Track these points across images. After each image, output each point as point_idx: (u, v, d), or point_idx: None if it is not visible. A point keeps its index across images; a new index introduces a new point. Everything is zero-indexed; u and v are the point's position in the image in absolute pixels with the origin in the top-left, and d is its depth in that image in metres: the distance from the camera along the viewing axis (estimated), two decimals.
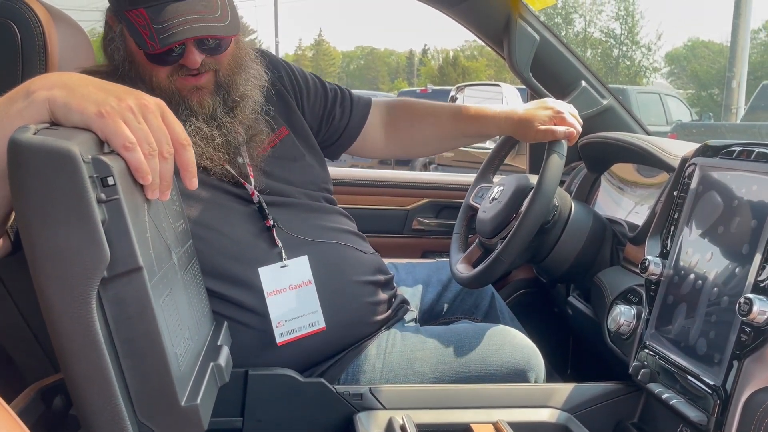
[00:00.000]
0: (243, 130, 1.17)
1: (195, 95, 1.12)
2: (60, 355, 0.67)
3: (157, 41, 1.03)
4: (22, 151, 0.63)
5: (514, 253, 1.26)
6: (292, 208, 1.22)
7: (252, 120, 1.19)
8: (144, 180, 0.73)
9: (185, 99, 1.12)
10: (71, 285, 0.65)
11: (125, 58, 1.12)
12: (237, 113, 1.16)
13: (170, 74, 1.10)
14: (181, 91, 1.12)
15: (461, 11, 1.65)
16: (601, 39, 37.56)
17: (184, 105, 1.11)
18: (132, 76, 1.12)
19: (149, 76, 1.11)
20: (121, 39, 1.12)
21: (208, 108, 1.13)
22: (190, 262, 0.94)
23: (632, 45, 36.75)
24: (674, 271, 1.06)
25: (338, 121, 1.43)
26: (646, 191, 1.42)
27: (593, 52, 37.31)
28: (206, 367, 0.86)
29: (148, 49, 1.04)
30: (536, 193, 1.24)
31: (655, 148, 1.32)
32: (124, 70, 1.12)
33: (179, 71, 1.10)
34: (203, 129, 1.11)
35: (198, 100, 1.12)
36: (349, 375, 1.19)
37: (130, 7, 1.05)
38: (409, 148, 1.55)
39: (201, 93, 1.12)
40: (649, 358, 1.06)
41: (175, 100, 1.11)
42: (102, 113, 0.70)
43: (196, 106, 1.12)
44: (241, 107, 1.17)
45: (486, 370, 1.21)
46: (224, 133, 1.14)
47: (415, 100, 1.54)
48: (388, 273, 1.32)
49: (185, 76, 1.11)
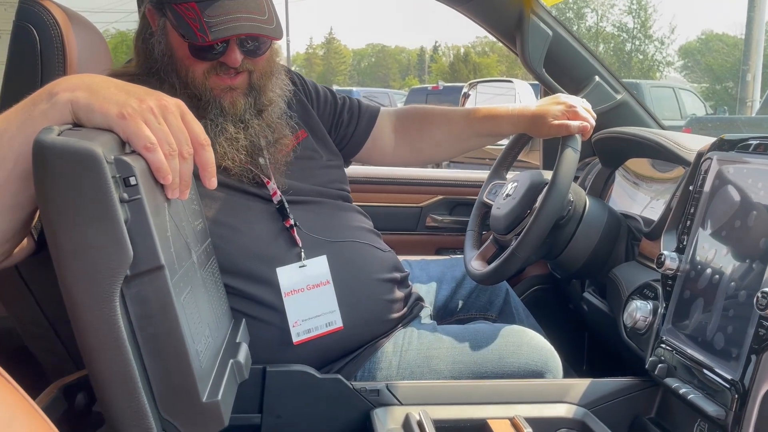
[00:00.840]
0: (270, 133, 1.19)
1: (228, 95, 1.14)
2: (84, 352, 0.69)
3: (208, 34, 1.05)
4: (47, 152, 0.64)
5: (529, 249, 1.26)
6: (311, 208, 1.23)
7: (278, 124, 1.21)
8: (165, 180, 0.74)
9: (217, 98, 1.13)
10: (96, 283, 0.66)
11: (164, 52, 1.13)
12: (264, 116, 1.18)
13: (207, 71, 1.12)
14: (214, 90, 1.13)
15: (473, 7, 1.65)
16: (613, 33, 37.32)
17: (215, 104, 1.13)
18: (168, 70, 1.13)
19: (186, 71, 1.12)
20: (163, 33, 1.13)
21: (239, 109, 1.14)
22: (208, 260, 0.96)
23: (645, 39, 36.49)
24: (691, 265, 1.06)
25: (346, 126, 1.45)
26: (661, 186, 1.42)
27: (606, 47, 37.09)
28: (226, 364, 0.87)
29: (197, 41, 1.06)
30: (551, 188, 1.24)
31: (670, 143, 1.32)
32: (162, 64, 1.14)
33: (216, 69, 1.12)
34: (229, 130, 1.13)
35: (231, 100, 1.14)
36: (366, 372, 1.20)
37: (180, 0, 1.07)
38: (421, 152, 1.55)
39: (234, 93, 1.14)
40: (666, 353, 1.06)
41: (206, 97, 1.13)
42: (123, 114, 0.71)
43: (228, 106, 1.14)
44: (269, 111, 1.19)
45: (503, 370, 1.22)
46: (250, 134, 1.15)
47: (426, 105, 1.55)
48: (404, 271, 1.33)
49: (221, 75, 1.13)
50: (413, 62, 66.97)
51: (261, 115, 1.18)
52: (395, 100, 13.16)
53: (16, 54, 1.15)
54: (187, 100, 1.11)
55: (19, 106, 0.74)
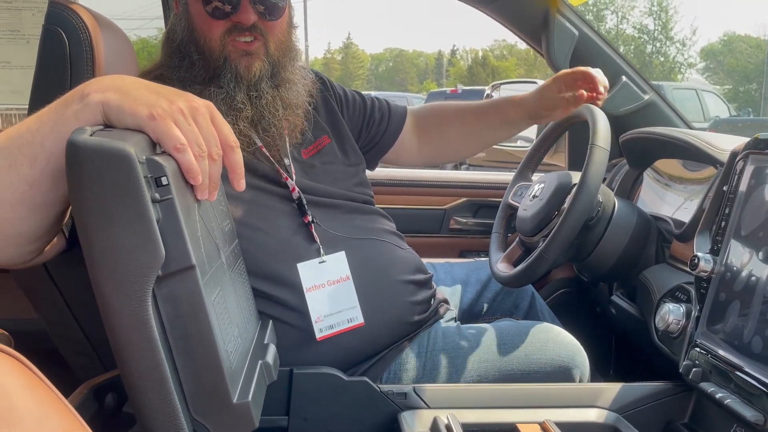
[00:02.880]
0: (282, 107, 1.19)
1: (244, 60, 1.16)
2: (117, 352, 0.69)
3: None
4: (80, 152, 0.64)
5: (558, 251, 1.24)
6: (330, 209, 1.23)
7: (294, 103, 1.22)
8: (195, 180, 0.74)
9: (233, 62, 1.15)
10: (128, 283, 0.66)
11: (185, 27, 1.18)
12: (281, 90, 1.19)
13: (223, 35, 1.14)
14: (231, 54, 1.15)
15: (498, 8, 1.64)
16: (634, 35, 37.02)
17: (230, 68, 1.15)
18: (187, 42, 1.17)
19: (203, 38, 1.15)
20: (185, 9, 1.18)
21: (254, 74, 1.15)
22: (236, 261, 0.95)
23: (666, 41, 36.15)
24: (726, 268, 1.03)
25: (377, 125, 1.46)
26: (692, 187, 1.39)
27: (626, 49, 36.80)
28: (255, 365, 0.86)
29: None
30: (580, 188, 1.22)
31: (701, 142, 1.29)
32: (182, 38, 1.17)
33: (232, 32, 1.14)
34: (236, 98, 1.14)
35: (246, 64, 1.15)
36: (392, 374, 1.19)
37: None
38: (440, 150, 1.56)
39: (250, 58, 1.16)
40: (701, 357, 1.04)
41: (221, 62, 1.15)
42: (154, 115, 0.71)
43: (243, 71, 1.15)
44: (286, 88, 1.20)
45: (530, 367, 1.20)
46: (261, 105, 1.16)
47: (441, 102, 1.55)
48: (426, 272, 1.31)
49: (237, 39, 1.15)
50: (431, 66, 67.00)
51: (278, 89, 1.19)
52: (413, 104, 13.15)
53: (46, 57, 1.16)
54: (203, 69, 1.16)
55: (52, 106, 0.75)
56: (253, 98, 1.16)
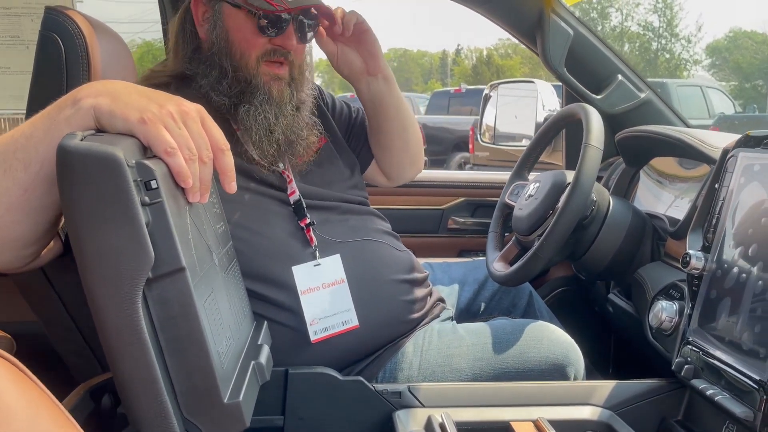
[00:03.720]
0: (303, 128, 1.21)
1: (276, 84, 1.17)
2: (108, 353, 0.70)
3: (284, 2, 1.11)
4: (70, 156, 0.65)
5: (552, 250, 1.25)
6: (327, 212, 1.24)
7: (309, 124, 1.24)
8: (185, 183, 0.75)
9: (266, 86, 1.17)
10: (118, 285, 0.67)
11: (220, 36, 1.17)
12: (301, 112, 1.21)
13: (260, 57, 1.16)
14: (263, 77, 1.16)
15: (493, 8, 1.64)
16: (638, 32, 36.91)
17: (263, 90, 1.16)
18: (221, 53, 1.16)
19: (240, 54, 1.16)
20: (219, 17, 1.17)
21: (285, 98, 1.18)
22: (230, 263, 0.96)
23: (671, 38, 36.03)
24: (717, 265, 1.04)
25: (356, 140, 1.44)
26: (687, 185, 1.40)
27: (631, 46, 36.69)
28: (247, 365, 0.87)
29: (274, 9, 1.11)
30: (573, 187, 1.23)
31: (694, 140, 1.30)
32: (216, 47, 1.17)
33: (269, 55, 1.16)
34: (269, 119, 1.16)
35: (279, 89, 1.17)
36: (387, 373, 1.20)
37: None
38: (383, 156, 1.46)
39: (281, 83, 1.18)
40: (693, 354, 1.04)
41: (256, 82, 1.16)
42: (144, 119, 0.72)
43: (276, 94, 1.17)
44: (303, 109, 1.23)
45: (524, 365, 1.21)
46: (285, 127, 1.18)
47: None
48: (423, 271, 1.32)
49: (271, 63, 1.17)
50: (435, 66, 66.92)
51: (299, 111, 1.21)
52: (418, 104, 13.13)
53: (42, 63, 1.17)
54: (235, 84, 1.16)
55: (45, 111, 0.76)
56: (279, 122, 1.17)
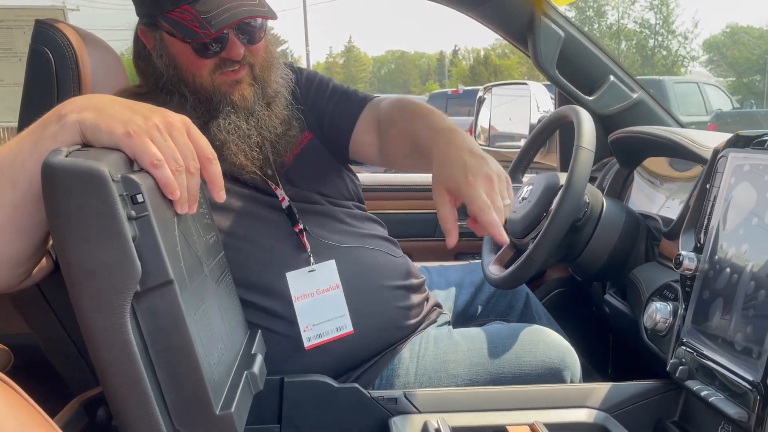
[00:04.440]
0: (278, 125, 1.19)
1: (236, 90, 1.15)
2: (98, 367, 0.70)
3: (209, 28, 1.07)
4: (55, 173, 0.65)
5: (546, 252, 1.25)
6: (320, 216, 1.23)
7: (285, 115, 1.21)
8: (172, 195, 0.75)
9: (226, 95, 1.15)
10: (106, 300, 0.67)
11: (168, 64, 1.15)
12: (273, 108, 1.19)
13: (212, 71, 1.13)
14: (222, 86, 1.15)
15: (484, 12, 1.65)
16: (635, 30, 36.91)
17: (226, 101, 1.15)
18: (175, 81, 1.15)
19: (192, 76, 1.14)
20: (162, 46, 1.14)
21: (249, 100, 1.16)
22: (222, 273, 0.97)
23: (668, 34, 36.04)
24: (709, 265, 1.04)
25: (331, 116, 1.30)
26: (680, 185, 1.40)
27: (628, 44, 36.68)
28: (240, 375, 0.87)
29: (201, 37, 1.08)
30: (566, 190, 1.23)
31: (686, 141, 1.30)
32: (168, 76, 1.15)
33: (221, 66, 1.14)
34: (242, 127, 1.14)
35: (240, 93, 1.15)
36: (384, 379, 1.20)
37: (172, 7, 1.09)
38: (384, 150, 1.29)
39: (241, 86, 1.16)
40: (687, 355, 1.04)
41: (217, 97, 1.14)
42: (129, 132, 0.73)
43: (238, 100, 1.15)
44: (276, 103, 1.20)
45: (521, 370, 1.21)
46: (261, 128, 1.16)
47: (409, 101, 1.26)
48: (419, 277, 1.32)
49: (226, 72, 1.14)
50: (433, 67, 67.00)
51: (270, 107, 1.19)
52: None
53: (33, 77, 1.18)
54: (198, 105, 1.14)
55: (30, 128, 0.76)
56: (252, 124, 1.16)
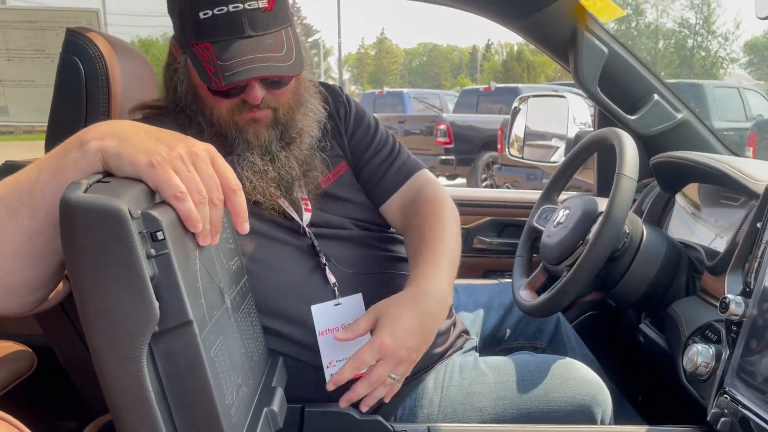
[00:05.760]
0: (297, 165, 1.15)
1: (251, 127, 1.12)
2: (112, 410, 0.67)
3: (222, 78, 1.02)
4: (73, 210, 0.63)
5: (582, 284, 1.20)
6: (345, 241, 1.19)
7: (307, 156, 1.17)
8: (194, 228, 0.72)
9: (242, 131, 1.11)
10: (122, 343, 0.64)
11: (188, 91, 1.12)
12: (293, 148, 1.15)
13: (231, 109, 1.10)
14: (238, 123, 1.11)
15: (526, 26, 1.59)
16: (674, 29, 36.18)
17: (241, 138, 1.11)
18: (194, 109, 1.12)
19: (210, 110, 1.11)
20: (185, 71, 1.12)
21: (264, 140, 1.12)
22: (244, 300, 0.93)
23: (708, 35, 35.26)
24: (758, 312, 0.97)
25: (372, 172, 1.27)
26: (726, 213, 1.33)
27: (666, 44, 35.99)
28: (260, 412, 0.84)
29: (212, 85, 1.04)
30: (605, 220, 1.17)
31: (736, 173, 1.23)
32: (186, 102, 1.12)
33: (240, 107, 1.10)
34: (257, 163, 1.11)
35: (254, 131, 1.11)
36: (407, 410, 1.16)
37: (196, 41, 1.05)
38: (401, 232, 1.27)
39: (257, 126, 1.12)
40: (730, 406, 0.98)
41: (233, 134, 1.11)
42: (153, 163, 0.70)
43: (252, 139, 1.11)
44: (298, 143, 1.16)
45: (549, 406, 1.16)
46: (278, 167, 1.13)
47: (442, 210, 1.21)
48: None
49: (244, 112, 1.10)
50: (465, 61, 66.58)
51: (289, 147, 1.14)
52: (446, 101, 12.99)
53: (63, 86, 1.16)
54: (215, 139, 1.10)
55: (51, 153, 0.73)
56: (267, 161, 1.12)
